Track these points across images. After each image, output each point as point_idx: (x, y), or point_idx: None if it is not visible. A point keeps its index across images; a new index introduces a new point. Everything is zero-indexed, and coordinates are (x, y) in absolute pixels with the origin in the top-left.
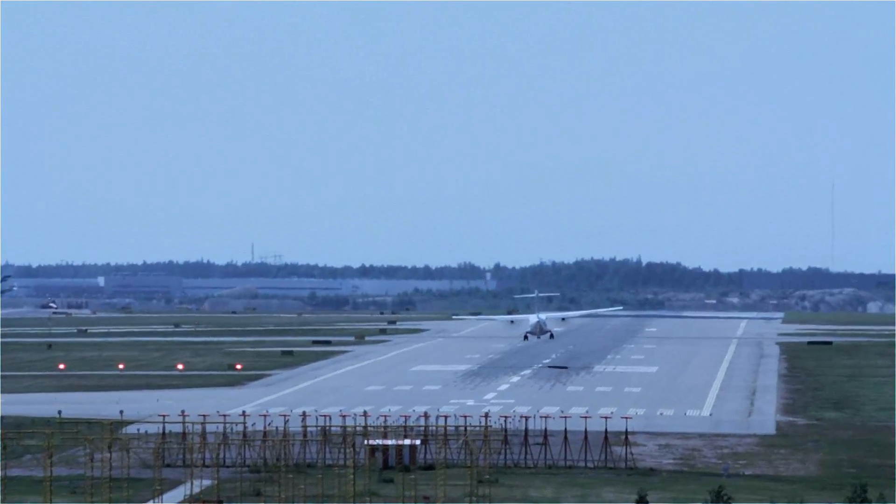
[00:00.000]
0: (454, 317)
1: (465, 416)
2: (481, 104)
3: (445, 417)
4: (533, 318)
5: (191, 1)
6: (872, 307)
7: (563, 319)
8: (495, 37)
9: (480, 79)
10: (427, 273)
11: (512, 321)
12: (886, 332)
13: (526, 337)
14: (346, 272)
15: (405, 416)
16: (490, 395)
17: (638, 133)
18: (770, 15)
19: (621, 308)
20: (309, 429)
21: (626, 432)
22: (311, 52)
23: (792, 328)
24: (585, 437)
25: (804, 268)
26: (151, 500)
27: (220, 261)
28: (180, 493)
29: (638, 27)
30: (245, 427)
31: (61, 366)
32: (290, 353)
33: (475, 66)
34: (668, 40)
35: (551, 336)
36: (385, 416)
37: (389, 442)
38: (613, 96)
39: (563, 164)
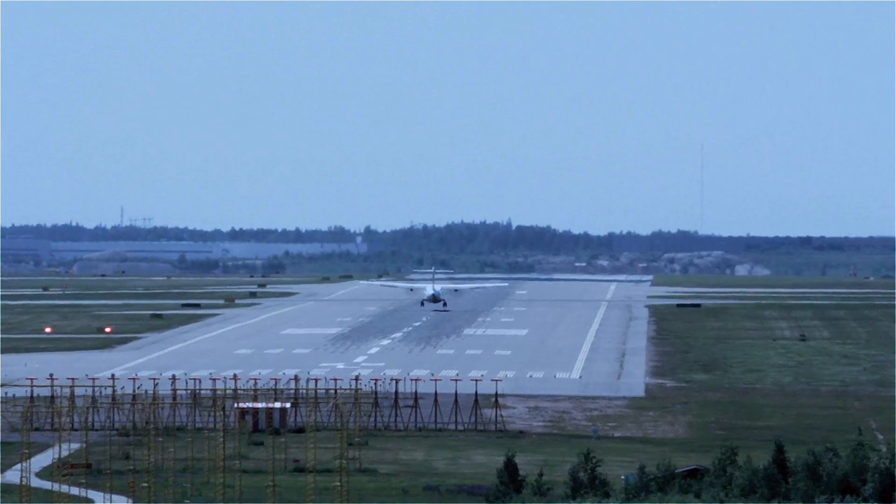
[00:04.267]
0: (376, 282)
1: (336, 380)
2: (349, 67)
3: (315, 381)
4: (429, 289)
5: None
6: (741, 270)
7: (456, 290)
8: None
9: (350, 44)
10: (297, 236)
11: (412, 289)
12: (753, 295)
13: (422, 303)
14: (215, 235)
15: (275, 380)
16: (360, 359)
17: (507, 97)
18: None
19: (506, 282)
20: (179, 392)
21: (496, 395)
22: (166, 18)
23: (661, 291)
24: (456, 400)
25: (673, 230)
26: (19, 464)
27: (89, 224)
28: (49, 456)
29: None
30: (114, 390)
31: None
32: (160, 316)
33: (342, 33)
34: (535, 8)
35: (444, 304)
36: (255, 380)
37: (259, 405)
38: (481, 63)
39: (433, 128)
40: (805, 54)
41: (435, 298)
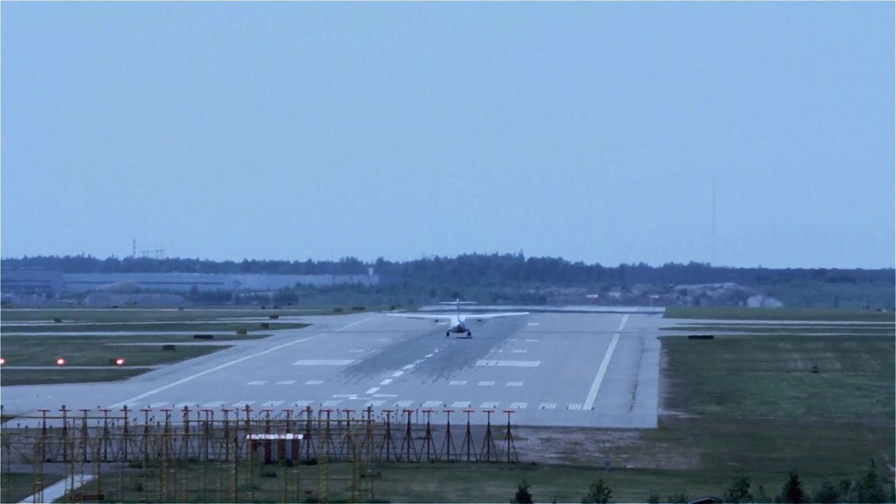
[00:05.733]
0: (403, 314)
1: (348, 411)
2: (362, 99)
3: (328, 412)
4: (455, 320)
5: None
6: (753, 301)
7: (480, 321)
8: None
9: (352, 78)
10: (309, 268)
11: (437, 320)
12: (766, 327)
13: (448, 334)
14: (227, 267)
15: (287, 411)
16: (373, 390)
17: (519, 128)
18: (647, 14)
19: (526, 312)
20: (191, 423)
21: (509, 426)
22: (179, 46)
23: (673, 322)
24: (468, 431)
25: (685, 262)
26: (32, 496)
27: (102, 255)
28: (61, 488)
29: (515, 24)
30: (126, 422)
31: None
32: (172, 347)
33: (343, 66)
34: (548, 36)
35: (469, 334)
36: (267, 411)
37: (272, 436)
38: (495, 96)
39: (446, 160)
40: (817, 87)
41: (460, 329)
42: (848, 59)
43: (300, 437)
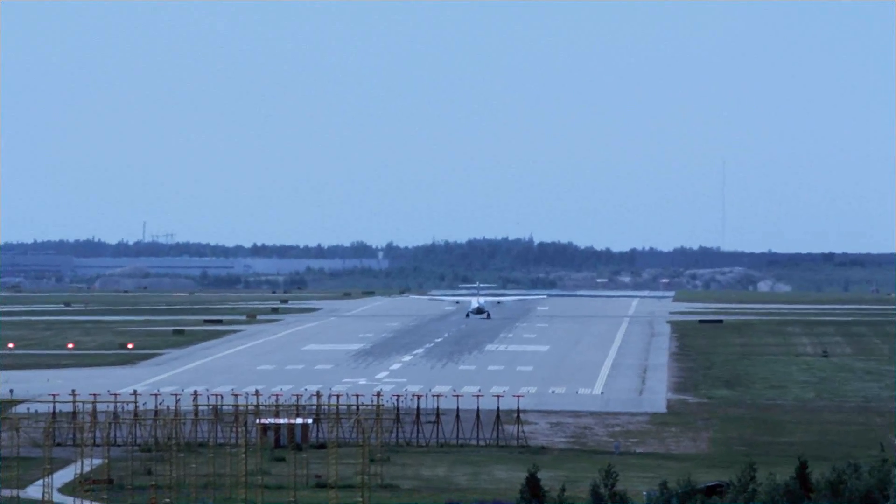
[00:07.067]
0: (423, 296)
1: (358, 395)
2: (371, 84)
3: (338, 396)
4: (475, 302)
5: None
6: (762, 286)
7: (499, 303)
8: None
9: (362, 63)
10: (319, 252)
11: (457, 302)
12: (775, 311)
13: (468, 315)
14: (237, 251)
15: (297, 396)
16: (382, 374)
17: (528, 114)
18: (654, 7)
19: (545, 295)
20: (200, 408)
21: (518, 410)
22: (188, 33)
23: (683, 307)
24: (477, 416)
25: (695, 247)
26: (41, 480)
27: (112, 240)
28: (70, 472)
29: (507, 19)
30: (136, 406)
31: None
32: (182, 332)
33: (353, 52)
34: (552, 26)
35: (488, 316)
36: (277, 396)
37: (281, 421)
38: (504, 81)
39: (455, 144)
40: (828, 72)
41: (479, 310)
42: (856, 47)
43: (309, 421)
